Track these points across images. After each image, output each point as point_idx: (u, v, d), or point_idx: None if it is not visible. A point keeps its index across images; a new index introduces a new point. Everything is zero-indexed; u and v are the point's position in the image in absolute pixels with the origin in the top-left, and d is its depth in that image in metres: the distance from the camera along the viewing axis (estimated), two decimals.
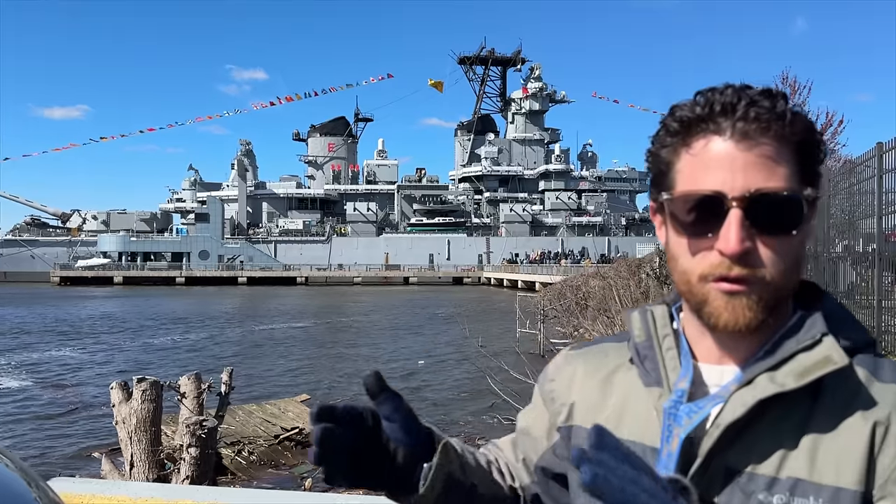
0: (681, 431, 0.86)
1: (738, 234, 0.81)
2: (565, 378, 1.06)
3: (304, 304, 44.56)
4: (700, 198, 0.84)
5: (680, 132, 0.87)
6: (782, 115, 0.84)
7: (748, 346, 0.89)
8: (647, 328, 0.97)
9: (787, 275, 0.85)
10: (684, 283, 0.88)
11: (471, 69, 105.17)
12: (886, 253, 10.45)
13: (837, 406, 0.84)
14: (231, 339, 24.19)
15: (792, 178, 0.84)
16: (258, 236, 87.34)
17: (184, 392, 3.29)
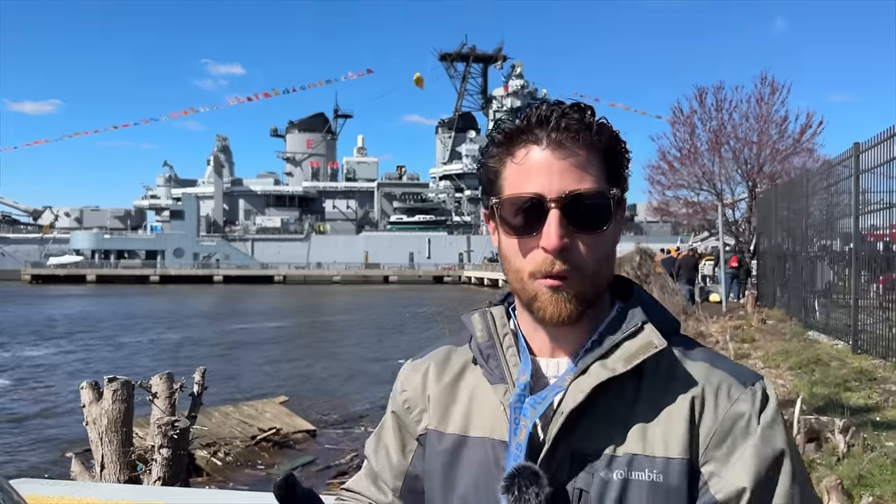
0: (527, 423, 0.95)
1: (558, 231, 0.92)
2: (417, 386, 1.11)
3: (282, 304, 44.26)
4: (523, 200, 0.94)
5: (504, 143, 0.98)
6: (590, 125, 0.95)
7: (576, 338, 1.00)
8: (488, 329, 1.05)
9: (601, 268, 0.97)
10: (517, 280, 0.98)
11: (452, 66, 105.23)
12: (863, 252, 10.56)
13: (660, 385, 0.96)
14: (207, 339, 23.90)
15: (601, 181, 0.95)
16: (235, 234, 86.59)
17: (155, 392, 3.18)
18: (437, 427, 1.06)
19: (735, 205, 23.20)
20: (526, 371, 0.99)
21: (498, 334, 1.05)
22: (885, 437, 5.36)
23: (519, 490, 0.90)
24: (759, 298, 17.66)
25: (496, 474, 0.96)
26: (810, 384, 7.52)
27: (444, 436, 1.06)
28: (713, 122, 22.52)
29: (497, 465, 0.98)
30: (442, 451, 1.05)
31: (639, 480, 0.91)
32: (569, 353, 1.00)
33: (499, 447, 0.99)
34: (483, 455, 1.01)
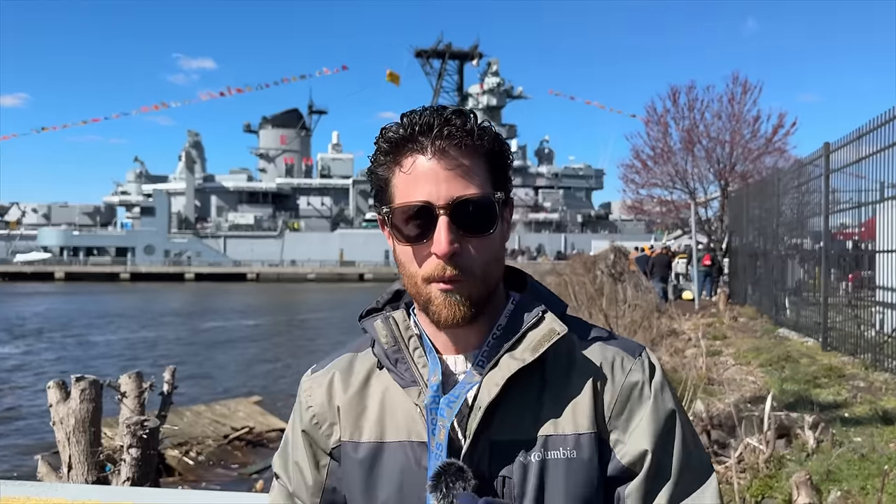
0: (445, 422, 0.98)
1: (447, 236, 0.95)
2: (322, 400, 1.10)
3: (255, 302, 43.87)
4: (413, 208, 0.97)
5: (391, 152, 1.00)
6: (471, 131, 0.98)
7: (477, 333, 1.04)
8: (392, 333, 1.06)
9: (490, 268, 1.00)
10: (412, 286, 1.01)
11: (427, 63, 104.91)
12: (833, 251, 10.73)
13: (562, 368, 1.02)
14: (180, 338, 23.60)
15: (485, 185, 0.98)
16: (206, 231, 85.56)
17: (124, 391, 3.12)
18: (350, 438, 1.07)
19: (708, 203, 23.47)
20: (436, 371, 1.02)
21: (403, 338, 1.06)
22: (854, 433, 5.44)
23: (446, 487, 0.94)
24: (731, 296, 17.89)
25: (419, 475, 1.00)
26: (780, 381, 7.62)
27: (359, 445, 1.06)
28: (686, 122, 22.79)
29: (419, 465, 1.01)
30: (359, 460, 1.05)
31: (555, 459, 0.98)
32: (472, 348, 1.04)
33: (418, 449, 1.01)
34: (403, 459, 1.03)
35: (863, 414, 6.05)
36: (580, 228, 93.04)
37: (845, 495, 4.19)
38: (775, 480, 4.76)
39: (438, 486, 0.95)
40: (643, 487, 0.99)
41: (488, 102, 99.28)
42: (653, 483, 0.99)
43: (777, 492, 4.58)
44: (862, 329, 9.17)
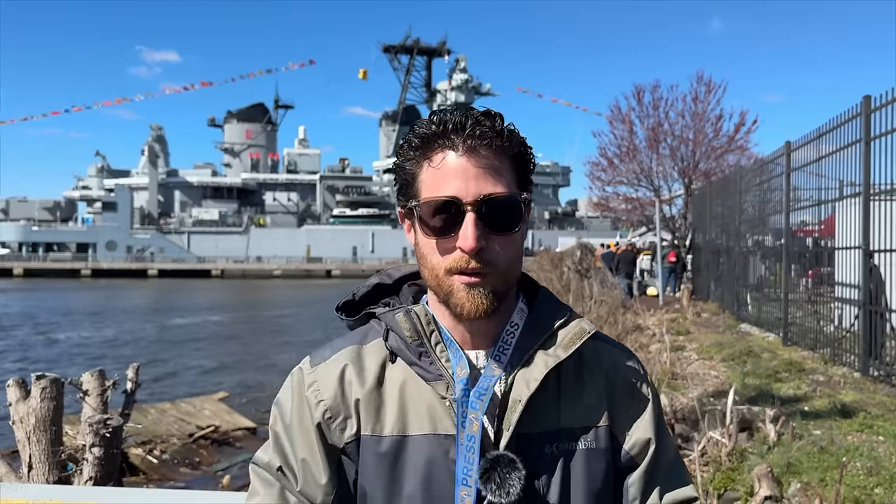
0: (477, 415, 1.01)
1: (474, 232, 0.98)
2: (334, 392, 1.07)
3: (220, 298, 43.32)
4: (441, 203, 1.00)
5: (421, 147, 1.03)
6: (501, 132, 1.01)
7: (493, 329, 1.07)
8: (415, 327, 1.06)
9: (512, 266, 1.04)
10: (434, 277, 1.03)
11: (396, 58, 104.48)
12: (796, 248, 10.95)
13: (574, 364, 1.08)
14: (144, 335, 23.21)
15: (512, 185, 1.02)
16: (170, 226, 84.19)
17: (86, 390, 3.05)
18: (372, 432, 1.05)
19: (672, 201, 23.75)
20: (463, 365, 1.05)
21: (425, 332, 1.07)
22: (813, 426, 5.56)
23: (501, 478, 0.98)
24: (694, 292, 18.16)
25: (447, 467, 1.02)
26: (742, 375, 7.75)
27: (381, 439, 1.05)
28: (651, 120, 23.02)
29: (447, 457, 1.03)
30: (382, 454, 1.04)
31: (576, 450, 1.05)
32: (489, 344, 1.08)
33: (445, 441, 1.03)
34: (429, 451, 1.03)
35: (822, 407, 6.18)
36: (547, 225, 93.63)
37: (805, 487, 4.28)
38: (737, 473, 4.85)
39: (492, 478, 0.98)
40: (646, 474, 1.09)
41: (456, 99, 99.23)
42: (653, 470, 1.10)
43: (739, 484, 4.67)
44: (821, 324, 9.37)
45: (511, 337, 1.08)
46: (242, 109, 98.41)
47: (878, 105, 7.34)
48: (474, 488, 1.00)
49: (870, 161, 7.54)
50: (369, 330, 1.14)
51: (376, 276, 1.24)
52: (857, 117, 7.83)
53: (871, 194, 7.52)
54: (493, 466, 0.98)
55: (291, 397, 1.11)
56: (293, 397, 1.11)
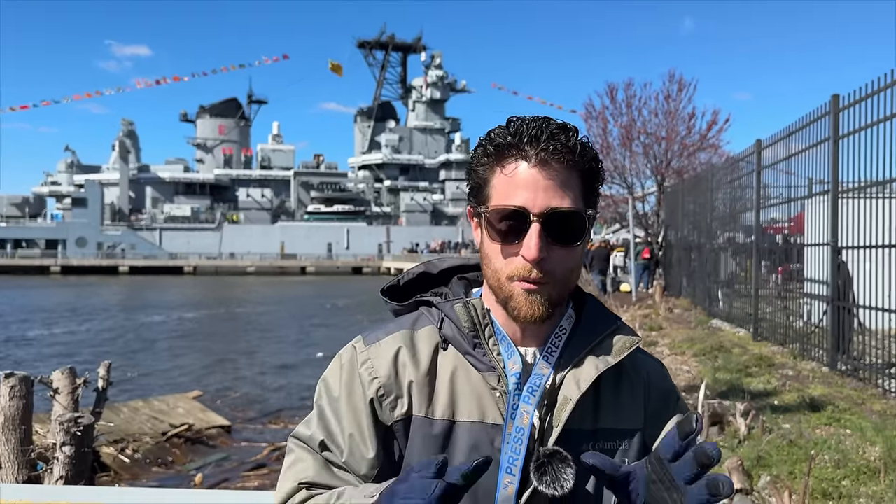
0: (529, 409, 1.05)
1: (538, 243, 1.02)
2: (389, 372, 1.11)
3: (194, 295, 42.84)
4: (510, 212, 1.04)
5: (495, 154, 1.07)
6: (574, 147, 1.04)
7: (545, 331, 1.13)
8: (472, 319, 1.11)
9: (571, 277, 1.09)
10: (496, 280, 1.08)
11: (371, 54, 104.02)
12: (766, 245, 11.11)
13: (619, 373, 1.14)
14: (117, 333, 22.86)
15: (578, 200, 1.06)
16: (141, 223, 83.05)
17: (57, 388, 3.00)
18: (425, 414, 1.09)
19: (645, 198, 23.98)
20: (516, 360, 1.10)
21: (480, 325, 1.11)
22: (782, 420, 5.66)
23: (556, 471, 1.02)
24: (667, 288, 18.35)
25: (491, 454, 1.03)
26: (714, 370, 7.86)
27: (433, 422, 1.09)
28: (624, 118, 23.21)
29: (492, 446, 1.07)
30: (433, 436, 1.08)
31: (613, 450, 1.11)
32: (538, 345, 1.13)
33: (492, 430, 1.07)
34: (476, 438, 1.08)
35: (791, 401, 6.29)
36: None
37: (774, 480, 4.36)
38: None
39: (547, 472, 1.02)
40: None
41: (432, 95, 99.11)
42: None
43: None
44: (791, 320, 9.54)
45: (559, 340, 1.13)
46: (215, 104, 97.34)
47: (846, 104, 7.47)
48: (518, 477, 1.04)
49: (838, 159, 7.67)
50: (419, 316, 1.18)
51: (422, 265, 1.28)
52: (825, 116, 7.96)
53: (840, 192, 7.66)
54: (548, 461, 1.02)
55: (341, 374, 1.14)
56: (344, 374, 1.14)
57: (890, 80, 6.51)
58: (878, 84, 6.73)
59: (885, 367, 6.85)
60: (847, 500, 4.06)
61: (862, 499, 4.06)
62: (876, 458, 4.55)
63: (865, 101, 7.02)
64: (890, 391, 6.51)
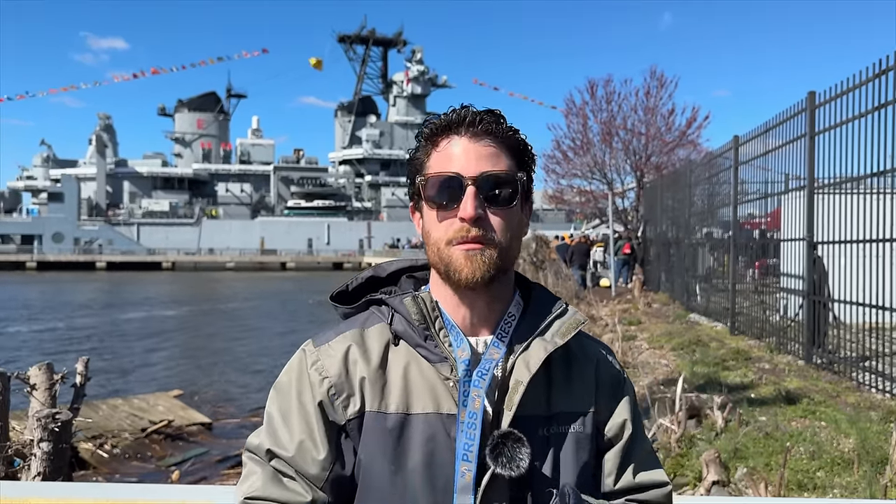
0: (479, 393, 1.07)
1: (473, 203, 1.07)
2: (339, 371, 1.12)
3: (174, 291, 42.45)
4: (445, 178, 1.09)
5: (430, 137, 1.13)
6: (502, 124, 1.12)
7: (494, 317, 1.15)
8: (422, 312, 1.12)
9: (510, 243, 1.11)
10: (435, 252, 1.11)
11: (351, 48, 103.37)
12: (744, 241, 11.23)
13: (567, 357, 1.17)
14: (95, 330, 22.56)
15: (510, 166, 1.12)
16: (119, 218, 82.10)
17: (34, 384, 2.97)
18: (378, 409, 1.10)
19: (624, 194, 24.12)
20: (465, 348, 1.12)
21: (430, 317, 1.13)
22: (759, 413, 5.73)
23: (511, 452, 1.04)
24: (646, 283, 18.49)
25: (448, 444, 1.08)
26: (691, 363, 7.94)
27: (387, 416, 1.09)
28: (604, 114, 23.31)
29: (448, 436, 1.09)
30: (388, 430, 1.09)
31: (567, 433, 1.14)
32: (487, 331, 1.16)
33: (447, 420, 1.09)
34: (431, 429, 1.09)
35: (767, 394, 6.38)
36: None
37: (751, 471, 4.42)
38: (686, 459, 4.98)
39: (503, 453, 1.04)
40: (622, 451, 1.19)
41: (413, 90, 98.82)
42: (629, 449, 1.19)
43: (688, 470, 4.79)
44: (767, 314, 9.65)
45: (509, 326, 1.16)
46: (194, 98, 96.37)
47: (822, 101, 7.57)
48: (475, 463, 1.05)
49: (814, 155, 7.77)
50: (369, 316, 1.19)
51: (370, 269, 1.31)
52: (802, 113, 8.06)
53: (816, 188, 7.76)
54: (503, 442, 1.05)
55: (291, 378, 1.15)
56: (294, 378, 1.15)
57: (865, 78, 6.60)
58: (853, 81, 6.82)
59: (860, 361, 6.96)
60: (822, 491, 4.13)
61: (836, 489, 4.13)
62: (850, 450, 4.63)
63: (841, 97, 7.11)
64: (864, 384, 6.62)
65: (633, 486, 1.19)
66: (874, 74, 6.42)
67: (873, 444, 4.52)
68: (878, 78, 6.35)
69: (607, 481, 1.18)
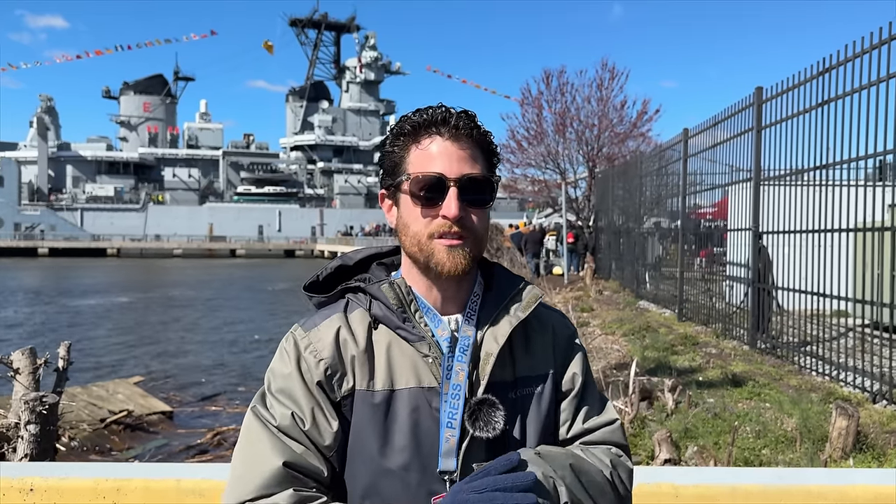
0: (463, 367, 1.19)
1: (457, 203, 1.17)
2: (332, 352, 1.21)
3: (122, 278, 41.39)
4: (429, 178, 1.19)
5: (411, 133, 1.22)
6: (477, 126, 1.23)
7: (462, 296, 1.27)
8: (398, 296, 1.22)
9: (484, 236, 1.24)
10: (416, 243, 1.21)
11: (303, 32, 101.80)
12: (692, 230, 11.57)
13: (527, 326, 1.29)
14: (45, 318, 21.83)
15: (485, 169, 1.23)
16: (62, 203, 79.61)
17: (17, 368, 2.97)
18: (366, 387, 1.20)
19: (576, 183, 24.48)
20: (444, 327, 1.24)
21: (406, 301, 1.23)
22: (707, 395, 5.98)
23: (487, 416, 1.17)
24: (597, 271, 18.84)
25: (431, 415, 1.19)
26: (642, 349, 8.18)
27: (374, 393, 1.19)
28: (558, 105, 23.59)
29: (430, 406, 1.20)
30: (375, 405, 1.19)
31: (530, 395, 1.27)
32: (458, 310, 1.27)
33: (429, 393, 1.20)
34: (414, 402, 1.19)
35: (715, 378, 6.64)
36: None
37: (701, 450, 4.64)
38: (639, 439, 5.18)
39: (479, 417, 1.17)
40: (575, 398, 1.31)
41: (366, 77, 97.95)
42: (581, 396, 1.32)
43: (641, 449, 4.99)
44: (713, 301, 9.99)
45: (476, 304, 1.28)
46: (140, 81, 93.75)
47: (769, 96, 7.87)
48: (458, 429, 1.17)
49: (760, 148, 8.07)
50: (347, 303, 1.28)
51: (338, 259, 1.38)
52: (749, 107, 8.35)
53: (761, 179, 8.07)
54: (479, 408, 1.17)
55: (288, 361, 1.20)
56: (290, 361, 1.21)
57: (809, 75, 6.90)
58: (799, 78, 7.12)
59: (801, 346, 7.29)
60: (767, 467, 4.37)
61: (780, 465, 4.38)
62: (792, 429, 4.89)
63: (787, 93, 7.40)
64: (805, 368, 6.95)
65: (583, 430, 1.31)
66: (818, 72, 6.72)
67: (814, 424, 4.77)
68: (823, 75, 6.65)
69: (562, 430, 1.30)
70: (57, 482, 1.82)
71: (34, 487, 1.81)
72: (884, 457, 4.36)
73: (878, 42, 5.73)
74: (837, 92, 6.37)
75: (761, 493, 1.91)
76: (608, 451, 1.29)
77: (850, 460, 4.25)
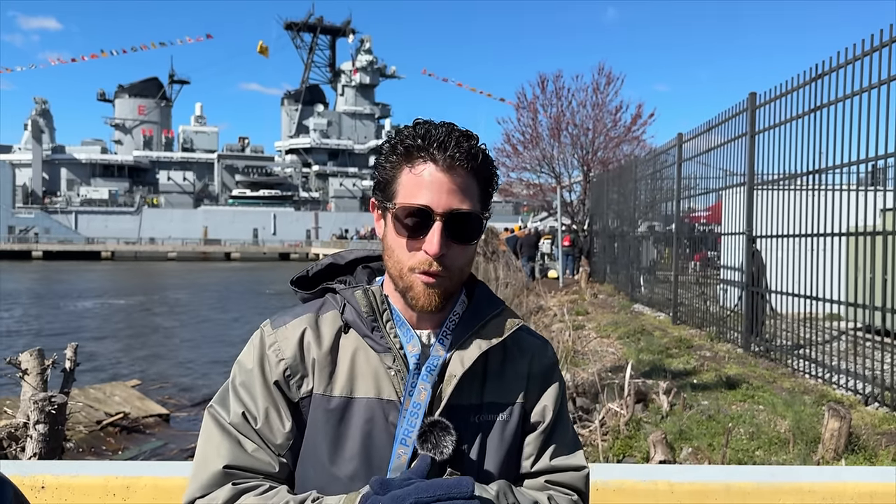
0: (426, 386, 1.16)
1: (440, 240, 1.13)
2: (294, 353, 1.20)
3: (118, 281, 41.26)
4: (415, 209, 1.14)
5: (404, 153, 1.16)
6: (476, 155, 1.17)
7: (439, 315, 1.22)
8: (371, 304, 1.21)
9: (465, 270, 1.22)
10: (397, 270, 1.18)
11: (298, 36, 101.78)
12: (685, 233, 11.64)
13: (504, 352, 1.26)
14: (41, 321, 21.73)
15: (476, 204, 1.17)
16: (56, 206, 79.39)
17: (26, 369, 3.00)
18: (323, 392, 1.18)
19: (571, 187, 24.53)
20: (415, 343, 1.21)
21: (379, 310, 1.21)
22: (701, 397, 6.02)
23: (436, 439, 1.13)
24: (592, 274, 18.89)
25: (386, 429, 1.17)
26: (637, 352, 8.22)
27: (331, 399, 1.18)
28: (553, 109, 23.65)
29: (387, 420, 1.17)
30: (331, 411, 1.18)
31: (496, 421, 1.23)
32: (432, 327, 1.24)
33: (387, 406, 1.18)
34: (370, 413, 1.18)
35: (709, 380, 6.68)
36: None
37: (695, 451, 4.70)
38: (634, 440, 5.23)
39: (429, 439, 1.13)
40: (542, 435, 1.27)
41: (361, 80, 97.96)
42: (550, 434, 1.28)
43: (636, 450, 5.04)
44: (708, 304, 10.05)
45: (452, 323, 1.24)
46: (135, 84, 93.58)
47: (762, 101, 7.94)
48: (411, 447, 1.14)
49: (754, 153, 8.14)
50: (324, 303, 1.27)
51: (330, 257, 1.38)
52: (743, 112, 8.42)
53: (755, 184, 8.14)
54: (430, 430, 1.14)
55: (252, 356, 1.21)
56: (254, 356, 1.21)
57: (802, 81, 6.97)
58: (792, 84, 7.19)
59: (794, 349, 7.34)
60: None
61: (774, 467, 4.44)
62: (785, 430, 4.94)
63: (780, 99, 7.48)
64: (798, 370, 7.00)
65: (548, 468, 1.26)
66: (811, 78, 6.79)
67: (807, 425, 4.82)
68: (815, 81, 6.72)
69: (525, 463, 1.26)
70: (67, 480, 1.86)
71: (45, 485, 1.85)
72: (875, 458, 4.42)
73: (870, 49, 5.81)
74: (830, 97, 6.44)
75: (755, 490, 1.96)
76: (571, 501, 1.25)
77: (843, 461, 4.30)
